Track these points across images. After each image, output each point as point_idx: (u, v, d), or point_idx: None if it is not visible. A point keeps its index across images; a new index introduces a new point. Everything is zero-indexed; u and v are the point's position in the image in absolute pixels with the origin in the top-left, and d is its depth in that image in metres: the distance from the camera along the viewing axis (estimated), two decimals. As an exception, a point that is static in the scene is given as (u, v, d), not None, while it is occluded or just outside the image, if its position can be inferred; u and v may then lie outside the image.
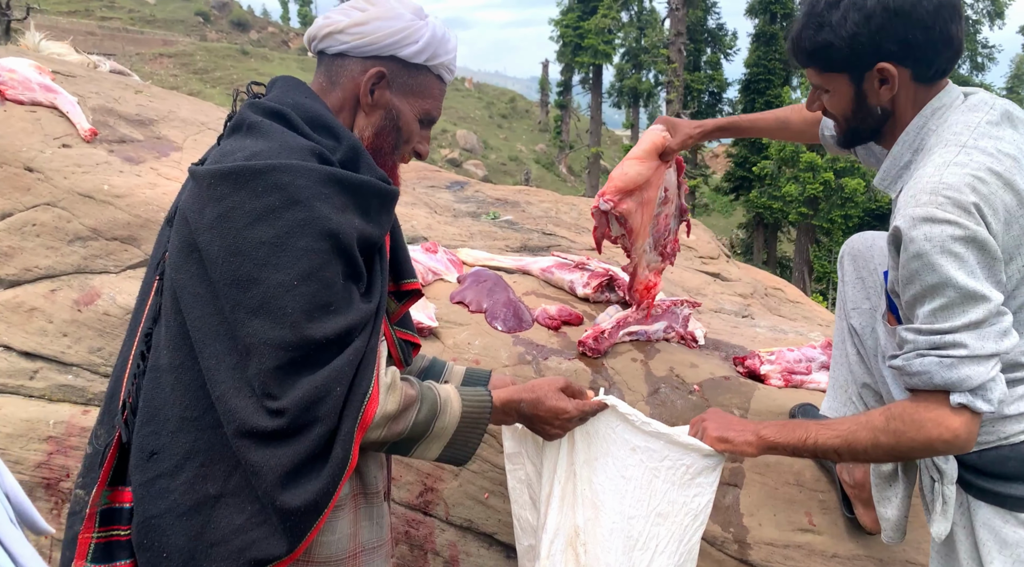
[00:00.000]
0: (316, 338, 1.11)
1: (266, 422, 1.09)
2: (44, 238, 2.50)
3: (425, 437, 1.27)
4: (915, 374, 1.29)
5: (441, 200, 3.85)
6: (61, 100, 2.94)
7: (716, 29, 29.30)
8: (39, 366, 2.31)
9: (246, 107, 1.26)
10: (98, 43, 32.94)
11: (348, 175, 1.19)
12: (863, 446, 1.35)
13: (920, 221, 1.24)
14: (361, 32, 1.26)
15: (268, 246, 1.10)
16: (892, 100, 1.40)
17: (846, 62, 1.38)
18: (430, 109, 1.35)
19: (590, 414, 1.49)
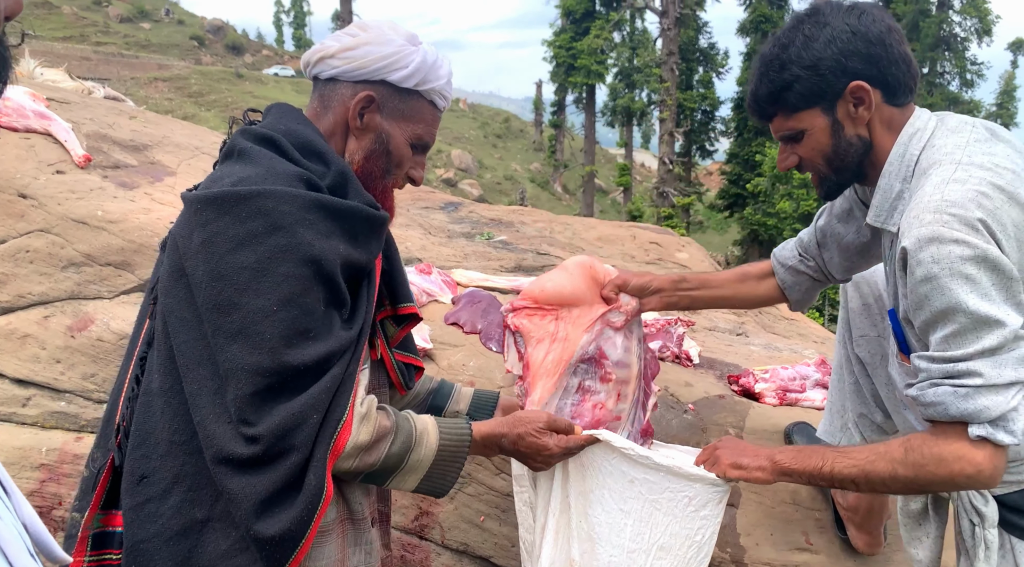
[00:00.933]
0: (293, 364, 1.11)
1: (242, 449, 1.09)
2: (37, 264, 2.50)
3: (400, 469, 1.26)
4: (930, 405, 1.23)
5: (435, 221, 3.86)
6: (55, 127, 2.95)
7: (708, 48, 29.58)
8: (32, 393, 2.30)
9: (238, 134, 1.28)
10: (93, 68, 33.14)
11: (334, 201, 1.19)
12: (881, 477, 1.30)
13: (926, 242, 1.19)
14: (351, 57, 1.27)
15: (249, 271, 1.11)
16: (869, 127, 1.37)
17: (816, 91, 1.35)
18: (422, 134, 1.35)
19: (575, 450, 1.45)
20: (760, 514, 2.04)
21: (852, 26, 1.32)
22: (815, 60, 1.32)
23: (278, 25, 61.31)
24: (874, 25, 1.32)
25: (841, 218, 1.66)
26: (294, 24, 59.92)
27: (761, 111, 1.43)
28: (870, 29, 1.32)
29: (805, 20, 1.36)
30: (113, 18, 46.75)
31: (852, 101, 1.35)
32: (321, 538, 1.21)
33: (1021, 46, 33.75)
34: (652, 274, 1.79)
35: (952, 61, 24.64)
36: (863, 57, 1.32)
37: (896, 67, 1.33)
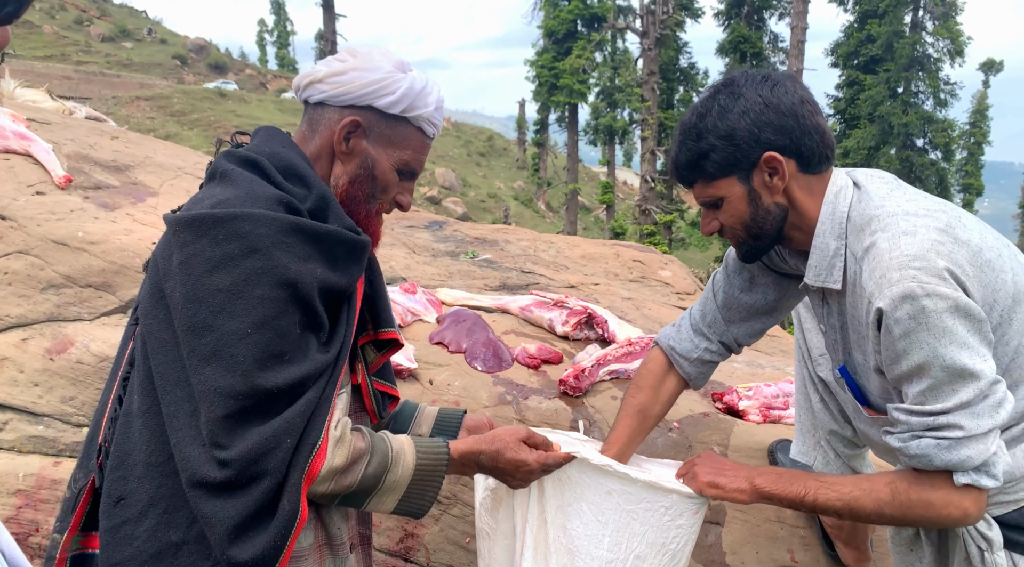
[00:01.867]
0: (267, 387, 1.10)
1: (215, 473, 1.08)
2: (16, 287, 2.47)
3: (377, 490, 1.25)
4: (914, 457, 1.27)
5: (420, 240, 3.86)
6: (35, 147, 2.93)
7: (688, 68, 29.95)
8: (9, 417, 2.27)
9: (222, 156, 1.28)
10: (74, 87, 32.95)
11: (312, 224, 1.20)
12: (866, 513, 1.33)
13: (900, 300, 1.21)
14: (338, 82, 1.28)
15: (224, 293, 1.11)
16: (787, 194, 1.39)
17: (731, 161, 1.38)
18: (408, 160, 1.35)
19: (554, 467, 1.45)
20: (745, 532, 2.04)
21: (765, 98, 1.35)
22: (730, 130, 1.36)
23: (261, 44, 61.34)
24: (786, 97, 1.35)
25: (743, 289, 1.67)
26: (277, 43, 59.97)
27: (682, 178, 1.46)
28: (782, 101, 1.35)
29: (721, 90, 1.40)
30: (95, 37, 46.57)
31: (767, 171, 1.37)
32: (297, 563, 1.20)
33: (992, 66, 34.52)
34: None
35: (926, 81, 25.11)
36: (775, 128, 1.34)
37: (809, 138, 1.36)
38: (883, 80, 24.77)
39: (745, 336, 1.72)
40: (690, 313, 1.75)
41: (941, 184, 25.22)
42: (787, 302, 1.69)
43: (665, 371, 1.74)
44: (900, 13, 25.01)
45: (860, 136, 23.68)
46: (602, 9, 29.98)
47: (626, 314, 3.00)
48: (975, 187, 33.92)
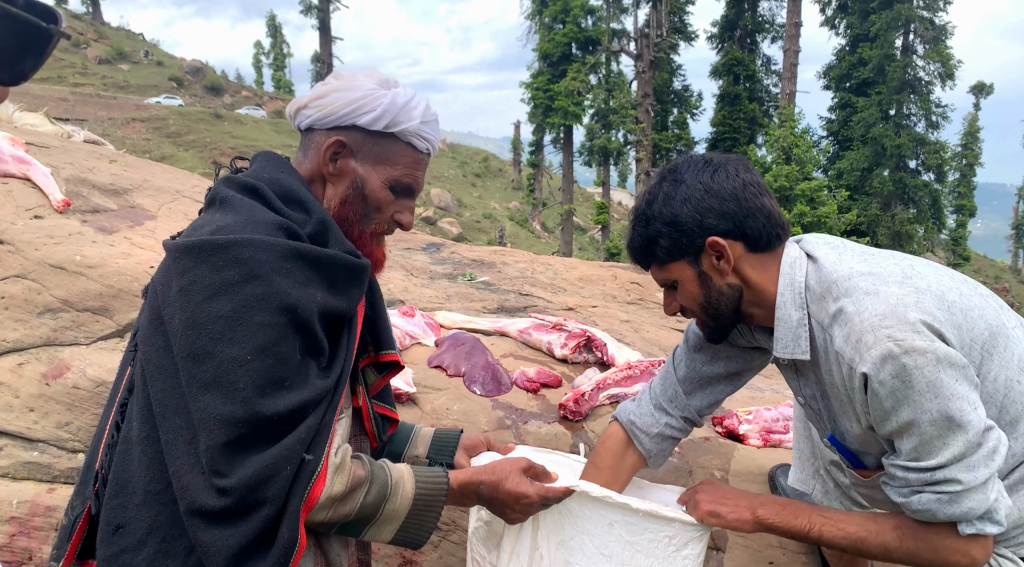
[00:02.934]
0: (267, 414, 1.10)
1: (214, 501, 1.07)
2: (13, 311, 2.46)
3: (375, 520, 1.24)
4: (917, 512, 1.28)
5: (417, 262, 3.87)
6: (34, 171, 2.93)
7: (682, 90, 30.29)
8: (3, 443, 2.24)
9: (221, 182, 1.28)
10: (71, 109, 33.06)
11: (312, 249, 1.19)
12: (872, 554, 1.35)
13: (881, 362, 1.21)
14: (320, 105, 1.29)
15: (225, 320, 1.10)
16: (738, 274, 1.40)
17: (677, 246, 1.40)
18: (399, 176, 1.33)
19: (553, 500, 1.42)
20: (747, 558, 2.03)
21: (705, 184, 1.37)
22: (673, 217, 1.38)
23: (257, 66, 61.75)
24: (727, 182, 1.37)
25: (705, 362, 1.67)
26: (273, 66, 60.37)
27: (637, 260, 1.48)
28: (723, 186, 1.37)
29: (666, 177, 1.43)
30: (91, 59, 46.81)
31: (713, 255, 1.39)
32: None
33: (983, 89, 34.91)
34: None
35: (917, 104, 25.40)
36: (717, 213, 1.36)
37: (753, 220, 1.37)
38: (875, 102, 25.06)
39: (706, 406, 1.70)
40: (650, 387, 1.74)
41: (934, 205, 25.43)
42: (750, 371, 1.69)
43: (624, 448, 1.70)
44: (891, 37, 25.37)
45: (853, 158, 23.89)
46: (596, 32, 30.35)
47: (625, 337, 3.00)
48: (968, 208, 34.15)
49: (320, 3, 28.60)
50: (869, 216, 22.83)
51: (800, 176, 20.59)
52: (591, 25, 30.73)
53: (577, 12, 30.18)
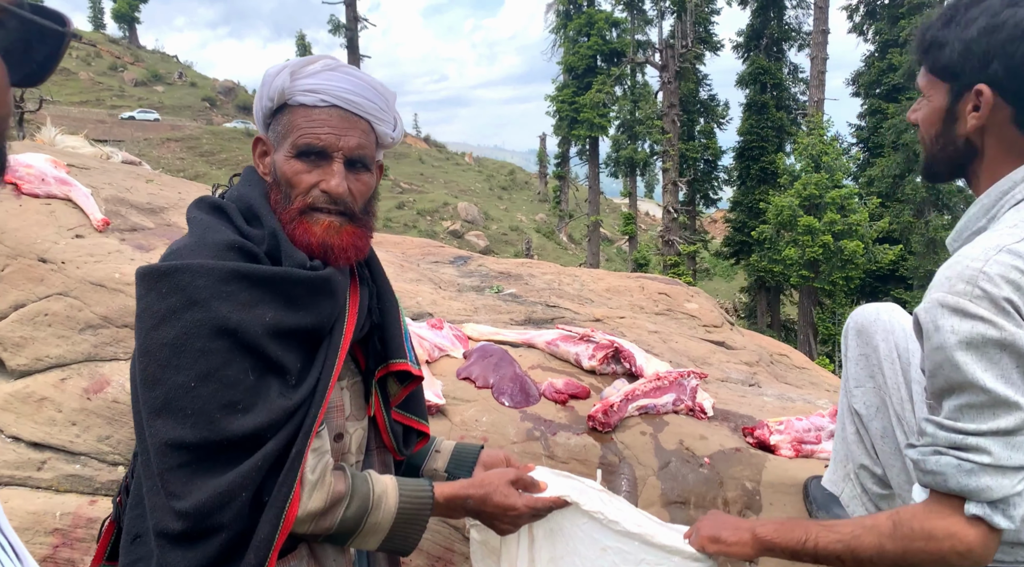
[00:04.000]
0: (217, 440, 1.11)
1: (173, 524, 1.09)
2: (56, 327, 2.54)
3: (358, 532, 1.25)
4: (929, 472, 1.18)
5: (445, 275, 3.90)
6: (75, 192, 3.03)
7: (708, 100, 30.15)
8: (47, 456, 2.31)
9: (193, 203, 1.30)
10: (108, 131, 33.95)
11: (256, 270, 1.17)
12: (868, 553, 1.24)
13: (949, 311, 1.12)
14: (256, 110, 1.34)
15: (169, 347, 1.11)
16: (981, 135, 1.23)
17: (952, 69, 1.22)
18: (295, 140, 1.24)
19: (543, 511, 1.40)
20: (781, 570, 2.00)
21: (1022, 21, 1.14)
22: (970, 38, 1.18)
23: (287, 85, 62.71)
24: None
25: None
26: (303, 84, 61.31)
27: (916, 50, 1.31)
28: None
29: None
30: (128, 82, 48.07)
31: (973, 102, 1.21)
32: None
33: None
34: None
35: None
36: (1014, 67, 1.16)
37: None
38: (906, 108, 24.65)
39: None
40: None
41: (969, 211, 24.84)
42: None
43: None
44: (921, 42, 24.95)
45: (884, 164, 23.51)
46: (621, 44, 30.38)
47: (653, 347, 2.99)
48: (1004, 213, 33.23)
49: (348, 22, 29.07)
50: (902, 223, 22.42)
51: (830, 184, 20.32)
52: (616, 37, 30.79)
53: (602, 25, 30.27)
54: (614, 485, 2.13)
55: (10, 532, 0.52)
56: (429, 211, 37.52)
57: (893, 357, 1.68)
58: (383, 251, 4.00)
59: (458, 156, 55.35)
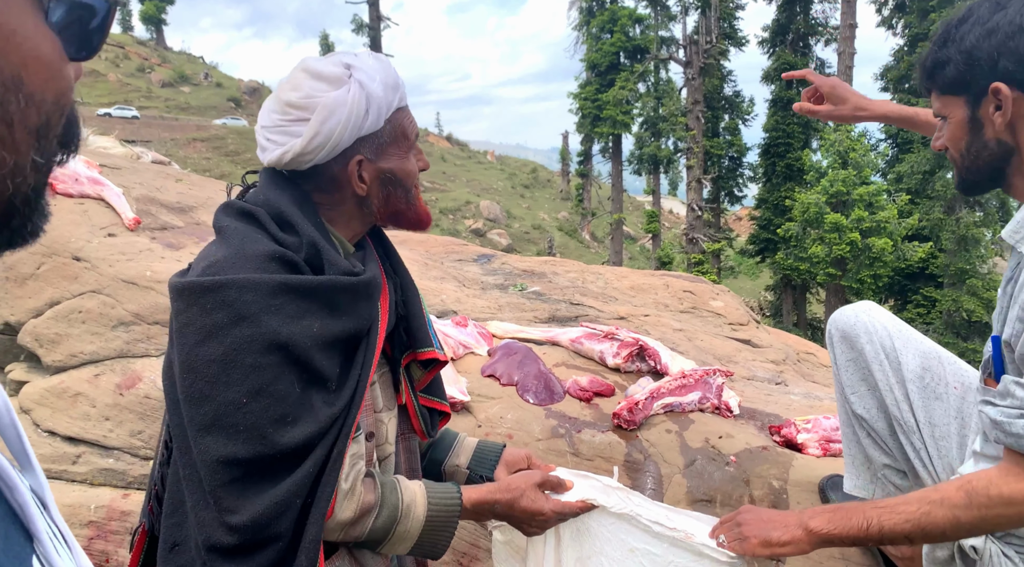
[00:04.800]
0: (270, 453, 1.11)
1: (227, 538, 1.09)
2: (89, 324, 2.59)
3: (387, 540, 1.26)
4: (1013, 435, 1.18)
5: (469, 273, 3.91)
6: (107, 192, 3.09)
7: (733, 96, 29.85)
8: (82, 451, 2.36)
9: (220, 209, 1.27)
10: (136, 131, 34.51)
11: (303, 281, 1.16)
12: (941, 528, 1.23)
13: None
14: (321, 145, 1.21)
15: (217, 364, 1.10)
16: (1013, 133, 1.24)
17: (962, 80, 1.25)
18: (411, 141, 1.32)
19: (569, 515, 1.41)
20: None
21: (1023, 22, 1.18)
22: (971, 47, 1.22)
23: (311, 85, 63.20)
24: None
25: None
26: (327, 84, 61.77)
27: (921, 79, 1.35)
28: None
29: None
30: (155, 83, 48.81)
31: (994, 102, 1.24)
32: None
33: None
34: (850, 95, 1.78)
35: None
36: (1019, 59, 1.19)
37: None
38: (936, 103, 24.21)
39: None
40: None
41: (1003, 207, 24.40)
42: None
43: None
44: (951, 34, 24.51)
45: (914, 161, 23.12)
46: (644, 41, 30.19)
47: (678, 346, 2.98)
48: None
49: (371, 21, 29.25)
50: (932, 220, 22.04)
51: (858, 180, 20.03)
52: (639, 34, 30.60)
53: (625, 21, 30.10)
54: (639, 483, 2.13)
55: (60, 520, 0.53)
56: (452, 209, 37.65)
57: (880, 358, 1.67)
58: (407, 249, 4.02)
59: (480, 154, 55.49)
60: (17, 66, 0.44)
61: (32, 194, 0.47)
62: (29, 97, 0.45)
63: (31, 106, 0.45)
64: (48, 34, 0.47)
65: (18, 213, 0.47)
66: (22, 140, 0.45)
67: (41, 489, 0.52)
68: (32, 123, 0.45)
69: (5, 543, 0.43)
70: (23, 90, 0.44)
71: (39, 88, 0.45)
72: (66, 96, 0.49)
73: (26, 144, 0.45)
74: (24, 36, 0.44)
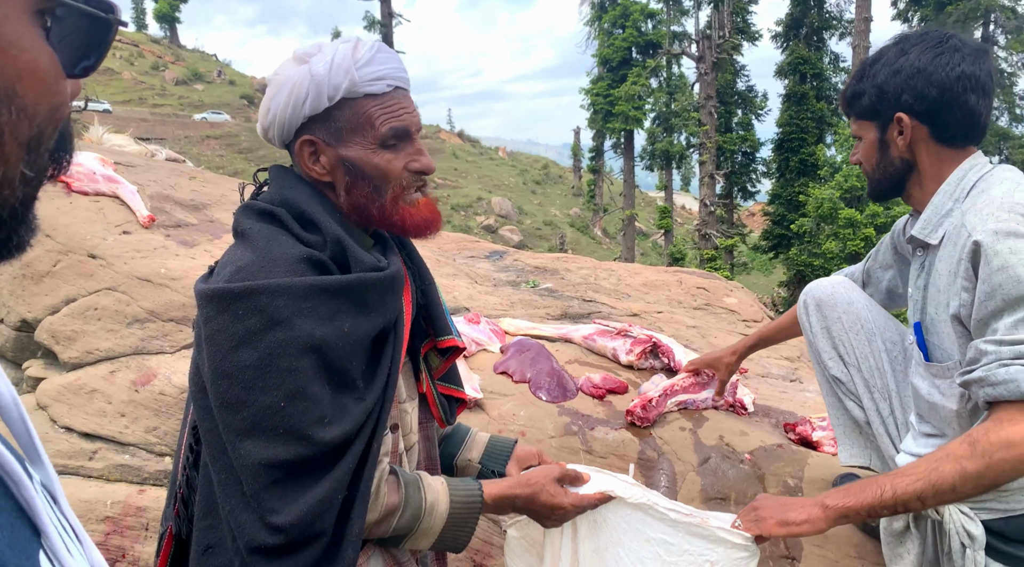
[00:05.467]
0: (310, 454, 1.11)
1: (271, 539, 1.09)
2: (105, 321, 2.61)
3: (411, 535, 1.27)
4: (1000, 383, 1.29)
5: (481, 270, 3.91)
6: (122, 190, 3.11)
7: (746, 91, 29.63)
8: (98, 447, 2.38)
9: (240, 211, 1.26)
10: (150, 129, 34.74)
11: (333, 281, 1.17)
12: (950, 482, 1.29)
13: (1004, 235, 1.29)
14: (270, 120, 1.23)
15: (253, 369, 1.10)
16: (912, 152, 1.52)
17: (874, 109, 1.54)
18: (379, 130, 1.23)
19: (588, 507, 1.42)
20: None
21: (922, 64, 1.46)
22: (881, 83, 1.51)
23: (323, 82, 63.41)
24: (944, 69, 1.45)
25: (883, 267, 1.89)
26: (339, 81, 61.96)
27: (842, 107, 1.64)
28: (937, 72, 1.45)
29: (897, 42, 1.54)
30: (169, 81, 49.08)
31: (897, 128, 1.52)
32: None
33: (1071, 78, 32.89)
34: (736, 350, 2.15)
35: (1000, 97, 24.18)
36: (916, 95, 1.47)
37: (947, 113, 1.46)
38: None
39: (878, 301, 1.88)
40: (846, 269, 2.02)
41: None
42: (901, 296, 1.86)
43: None
44: (970, 28, 24.22)
45: (929, 154, 22.88)
46: (657, 36, 30.03)
47: (691, 343, 2.97)
48: (1056, 204, 32.13)
49: (383, 18, 29.28)
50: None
51: (872, 175, 19.84)
52: (651, 29, 30.44)
53: (637, 16, 29.94)
54: (653, 480, 2.12)
55: (70, 514, 0.53)
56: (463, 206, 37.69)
57: (857, 328, 1.81)
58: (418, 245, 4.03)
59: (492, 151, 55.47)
60: (11, 78, 0.44)
61: (20, 207, 0.47)
62: (22, 110, 0.45)
63: (23, 119, 0.45)
64: (46, 49, 0.46)
65: (3, 225, 0.46)
66: (12, 152, 0.45)
67: (51, 483, 0.52)
68: (23, 136, 0.45)
69: (11, 538, 0.43)
70: (15, 102, 0.44)
71: (32, 101, 0.45)
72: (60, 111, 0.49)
73: (16, 156, 0.45)
74: (21, 49, 0.44)
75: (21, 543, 0.44)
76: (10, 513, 0.44)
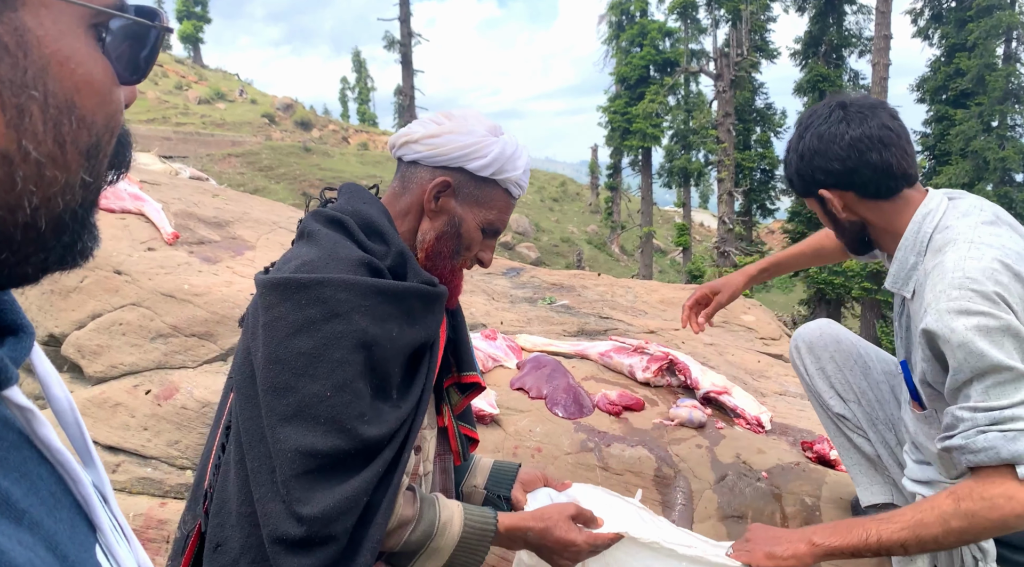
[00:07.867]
0: (346, 448, 1.14)
1: (295, 530, 1.11)
2: (129, 336, 2.66)
3: (420, 554, 1.28)
4: (980, 451, 1.32)
5: (498, 286, 3.93)
6: (148, 207, 3.18)
7: (764, 109, 29.59)
8: (121, 460, 2.42)
9: (310, 216, 1.34)
10: (173, 147, 35.30)
11: (391, 285, 1.23)
12: (933, 534, 1.34)
13: (956, 314, 1.34)
14: (433, 144, 1.33)
15: (306, 357, 1.14)
16: (855, 212, 1.59)
17: (804, 191, 1.63)
18: (493, 220, 1.39)
19: (602, 547, 1.42)
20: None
21: (817, 141, 1.55)
22: (796, 170, 1.62)
23: (343, 101, 64.29)
24: (839, 139, 1.52)
25: None
26: (358, 99, 62.76)
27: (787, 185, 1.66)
28: (832, 144, 1.53)
29: (797, 126, 1.65)
30: (192, 100, 49.92)
31: (829, 201, 1.60)
32: None
33: (1095, 94, 32.52)
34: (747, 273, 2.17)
35: (1022, 113, 23.93)
36: (824, 171, 1.56)
37: (858, 175, 1.53)
38: (975, 114, 23.74)
39: None
40: None
41: (1044, 220, 23.76)
42: None
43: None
44: (991, 45, 24.06)
45: (952, 172, 22.69)
46: (675, 54, 30.13)
47: (709, 360, 2.96)
48: (1082, 221, 31.63)
49: (402, 38, 29.65)
50: (971, 233, 21.54)
51: (893, 193, 19.63)
52: (669, 47, 30.55)
53: (655, 35, 30.08)
54: (669, 498, 2.12)
55: (119, 514, 0.56)
56: (481, 223, 37.73)
57: (851, 364, 1.87)
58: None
59: (510, 168, 55.50)
60: (71, 90, 0.46)
61: (80, 210, 0.49)
62: (81, 119, 0.47)
63: (83, 128, 0.47)
64: (101, 59, 0.49)
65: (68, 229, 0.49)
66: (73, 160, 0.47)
67: (102, 484, 0.54)
68: (83, 144, 0.48)
69: (72, 532, 0.45)
70: (76, 113, 0.46)
71: (91, 111, 0.48)
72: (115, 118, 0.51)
73: (77, 164, 0.47)
74: (78, 62, 0.46)
75: (79, 537, 0.46)
76: (69, 509, 0.47)
